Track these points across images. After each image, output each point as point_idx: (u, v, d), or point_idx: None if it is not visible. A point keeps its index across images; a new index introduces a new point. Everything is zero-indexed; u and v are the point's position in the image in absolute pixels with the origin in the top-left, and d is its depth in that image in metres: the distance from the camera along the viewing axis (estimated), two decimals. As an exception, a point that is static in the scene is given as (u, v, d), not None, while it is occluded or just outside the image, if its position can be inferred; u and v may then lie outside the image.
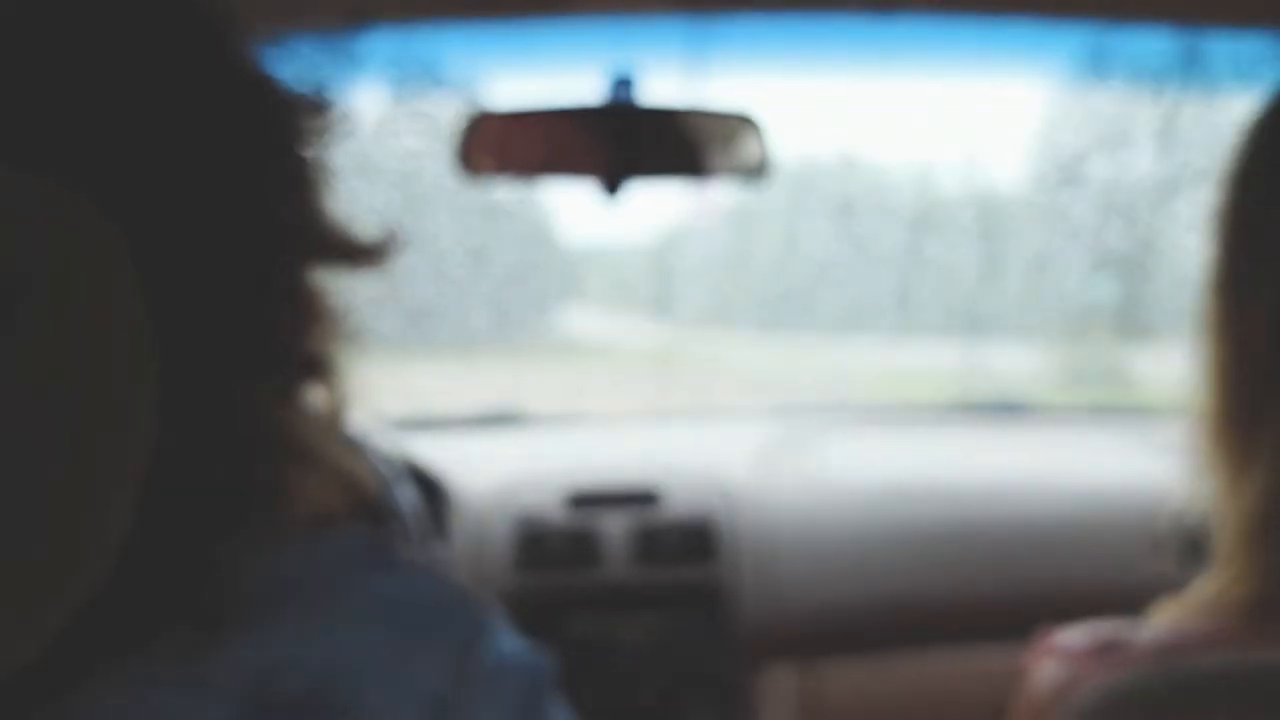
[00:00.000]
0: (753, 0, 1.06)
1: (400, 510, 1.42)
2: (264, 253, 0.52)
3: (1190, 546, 1.67)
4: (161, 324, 0.46)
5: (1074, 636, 0.70)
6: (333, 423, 0.58)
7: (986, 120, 2.37)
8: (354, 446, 0.60)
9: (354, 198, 0.59)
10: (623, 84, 1.35)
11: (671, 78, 1.86)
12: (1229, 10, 0.81)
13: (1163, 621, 0.69)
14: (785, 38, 1.80)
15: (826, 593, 1.71)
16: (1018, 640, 0.82)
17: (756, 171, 1.43)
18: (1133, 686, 0.56)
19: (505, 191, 2.23)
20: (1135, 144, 2.25)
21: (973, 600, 1.72)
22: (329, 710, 0.48)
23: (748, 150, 1.42)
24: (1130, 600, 0.78)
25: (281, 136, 0.55)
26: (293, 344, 0.55)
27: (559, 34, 1.52)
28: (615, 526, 1.70)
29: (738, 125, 1.41)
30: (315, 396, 0.57)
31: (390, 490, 1.41)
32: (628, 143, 1.38)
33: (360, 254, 0.58)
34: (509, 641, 0.55)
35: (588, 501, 1.73)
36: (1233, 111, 2.11)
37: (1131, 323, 2.38)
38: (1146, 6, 0.80)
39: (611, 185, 1.37)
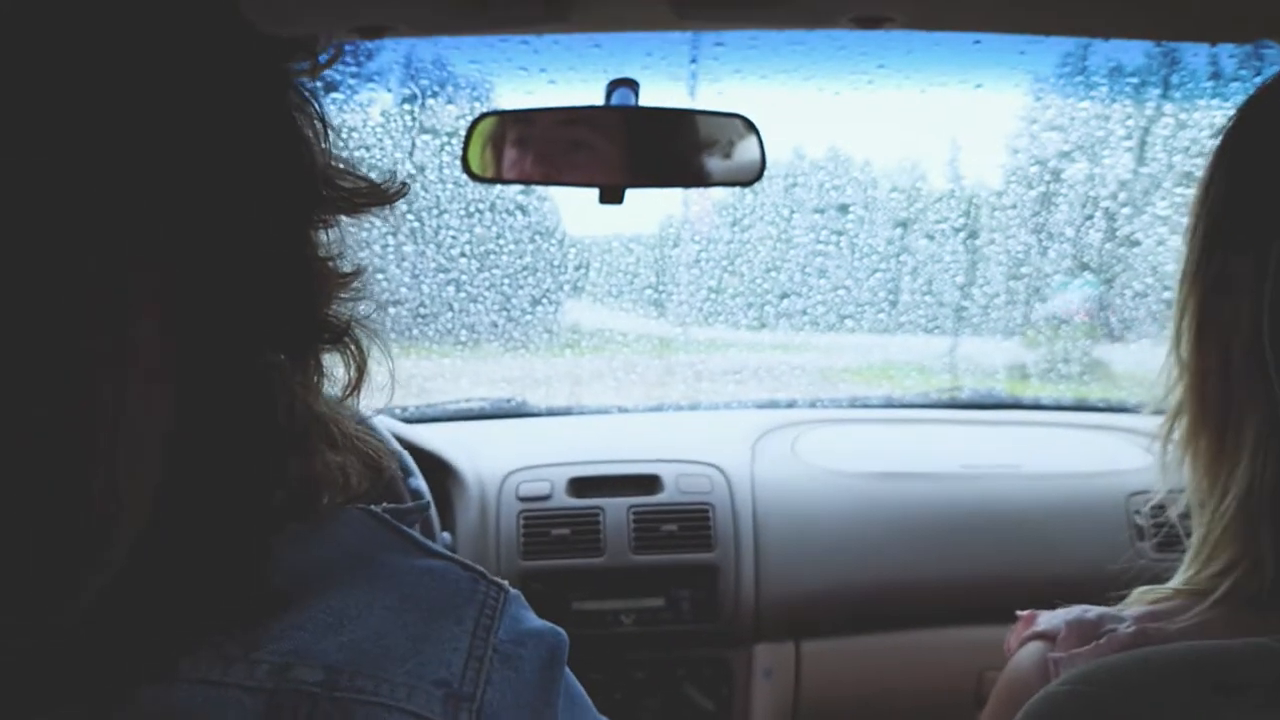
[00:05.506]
0: (745, 19, 1.10)
1: (418, 495, 1.47)
2: (269, 206, 0.50)
3: (1170, 534, 1.73)
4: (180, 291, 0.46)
5: (1057, 620, 0.71)
6: (349, 397, 0.58)
7: (970, 120, 2.42)
8: (368, 427, 0.61)
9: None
10: (622, 87, 1.37)
11: (670, 84, 1.90)
12: (1202, 27, 0.83)
13: (1142, 607, 0.70)
14: (776, 48, 1.85)
15: (817, 575, 1.77)
16: (999, 623, 0.85)
17: (754, 172, 1.44)
18: (1105, 669, 0.56)
19: (510, 189, 2.27)
20: (1115, 146, 2.31)
21: (957, 584, 1.78)
22: (346, 697, 0.48)
23: (745, 151, 1.44)
24: (1109, 585, 0.81)
25: (268, 78, 0.53)
26: (307, 307, 0.54)
27: (562, 46, 1.56)
28: (616, 510, 1.75)
29: (735, 127, 1.43)
30: (334, 371, 0.56)
31: (409, 477, 1.46)
32: (628, 143, 1.40)
33: (364, 197, 0.57)
34: (526, 619, 0.55)
35: (590, 486, 1.79)
36: (1210, 116, 2.17)
37: (1112, 319, 2.44)
38: (1120, 26, 0.83)
39: (613, 186, 1.39)
